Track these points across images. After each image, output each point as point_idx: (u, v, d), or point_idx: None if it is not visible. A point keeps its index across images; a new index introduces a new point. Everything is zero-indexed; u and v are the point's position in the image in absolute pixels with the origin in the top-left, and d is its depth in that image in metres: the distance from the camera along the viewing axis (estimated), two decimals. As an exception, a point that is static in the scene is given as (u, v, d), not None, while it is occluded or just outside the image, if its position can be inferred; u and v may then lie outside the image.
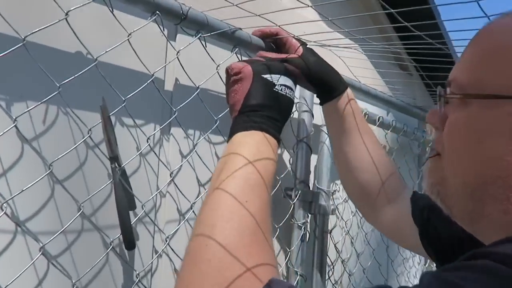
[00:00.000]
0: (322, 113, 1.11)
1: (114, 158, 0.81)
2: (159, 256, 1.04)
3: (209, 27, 1.03)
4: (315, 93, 1.09)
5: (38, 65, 0.76)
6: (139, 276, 0.94)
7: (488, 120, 0.46)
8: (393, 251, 1.99)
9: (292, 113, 1.31)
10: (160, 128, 1.00)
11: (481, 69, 0.50)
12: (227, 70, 0.87)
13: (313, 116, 1.36)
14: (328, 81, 1.02)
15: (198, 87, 1.04)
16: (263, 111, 0.75)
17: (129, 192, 0.85)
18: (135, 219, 0.93)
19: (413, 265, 2.20)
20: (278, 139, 0.77)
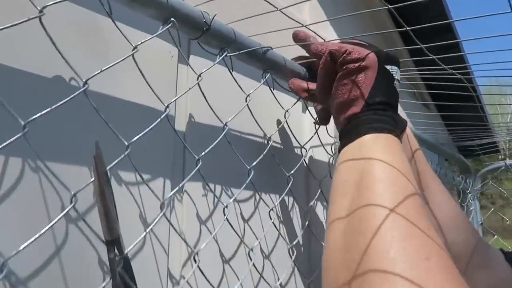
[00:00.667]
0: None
1: (114, 242, 0.49)
2: None
3: (236, 44, 0.76)
4: None
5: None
6: None
7: None
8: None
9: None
10: (177, 188, 0.69)
11: None
12: (341, 54, 0.65)
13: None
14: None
15: (226, 125, 0.75)
16: (389, 111, 0.60)
17: (133, 288, 0.52)
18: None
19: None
20: None
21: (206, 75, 0.75)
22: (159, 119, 0.61)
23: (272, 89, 0.86)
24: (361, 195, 0.48)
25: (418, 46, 0.79)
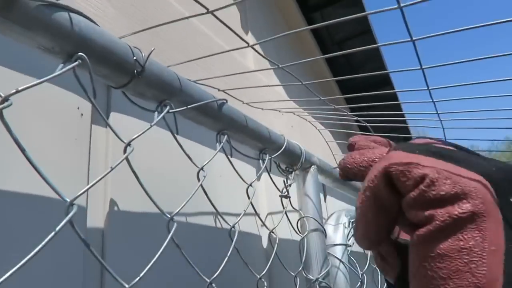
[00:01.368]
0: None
1: None
2: None
3: (182, 96, 0.52)
4: None
5: None
6: None
7: None
8: None
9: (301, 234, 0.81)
10: None
11: None
12: (413, 180, 0.28)
13: (326, 235, 0.87)
14: None
15: (172, 219, 0.48)
16: None
17: None
18: None
19: None
20: None
21: (136, 141, 0.48)
22: (54, 233, 0.32)
23: (230, 157, 0.62)
24: None
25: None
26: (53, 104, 0.50)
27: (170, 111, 0.51)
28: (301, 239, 0.80)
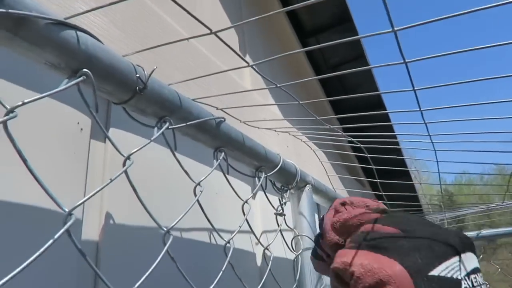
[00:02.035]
0: None
1: None
2: None
3: (181, 113, 0.54)
4: None
5: None
6: None
7: None
8: None
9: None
10: None
11: None
12: (348, 276, 0.39)
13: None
14: None
15: (169, 232, 0.48)
16: None
17: None
18: None
19: None
20: None
21: (135, 156, 0.50)
22: (52, 241, 0.33)
23: (227, 174, 0.64)
24: None
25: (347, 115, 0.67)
26: (54, 119, 0.51)
27: (170, 127, 0.52)
28: (295, 257, 0.81)
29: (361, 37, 0.68)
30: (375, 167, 1.06)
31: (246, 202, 0.67)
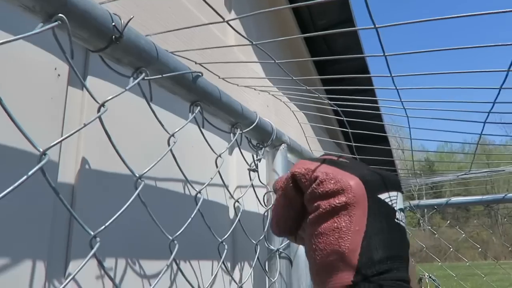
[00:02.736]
0: None
1: None
2: None
3: (158, 65, 0.55)
4: None
5: None
6: None
7: None
8: None
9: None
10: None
11: None
12: (309, 181, 0.41)
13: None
14: None
15: (140, 179, 0.51)
16: (394, 271, 0.37)
17: None
18: None
19: None
20: None
21: (111, 103, 0.51)
22: (26, 177, 0.35)
23: (202, 127, 0.66)
24: None
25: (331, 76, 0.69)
26: (31, 63, 0.52)
27: (146, 78, 0.53)
28: (265, 211, 0.85)
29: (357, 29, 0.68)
30: (351, 131, 1.10)
31: (220, 156, 0.69)
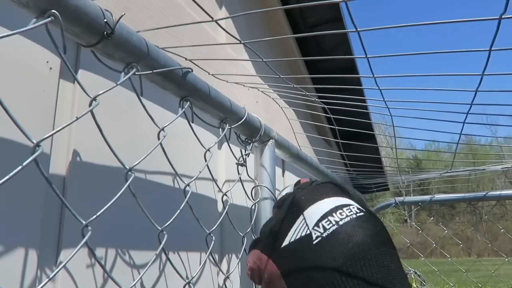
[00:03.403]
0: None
1: None
2: None
3: (148, 61, 0.56)
4: None
5: None
6: None
7: None
8: None
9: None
10: (50, 275, 0.45)
11: None
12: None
13: (277, 205, 0.94)
14: None
15: (131, 171, 0.53)
16: None
17: None
18: None
19: None
20: None
21: (102, 97, 0.53)
22: (20, 167, 0.37)
23: (191, 122, 0.67)
24: None
25: (321, 76, 0.72)
26: (23, 56, 0.53)
27: (136, 73, 0.55)
28: (253, 205, 0.87)
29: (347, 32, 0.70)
30: (338, 128, 1.12)
31: (209, 151, 0.71)
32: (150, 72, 0.57)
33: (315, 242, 0.37)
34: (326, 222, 0.37)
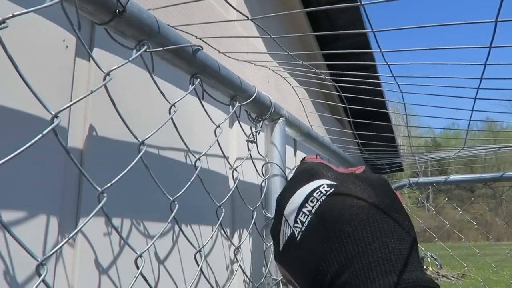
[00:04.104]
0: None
1: None
2: None
3: (159, 38, 0.58)
4: None
5: None
6: None
7: None
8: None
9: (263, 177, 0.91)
10: (69, 238, 0.49)
11: None
12: None
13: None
14: None
15: (143, 143, 0.55)
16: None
17: None
18: None
19: None
20: None
21: (116, 75, 0.55)
22: (41, 135, 0.40)
23: (202, 99, 0.70)
24: None
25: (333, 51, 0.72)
26: (41, 34, 0.56)
27: (148, 50, 0.57)
28: (263, 181, 0.90)
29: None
30: (349, 106, 1.13)
31: (219, 127, 0.74)
32: (161, 49, 0.59)
33: (298, 238, 0.38)
34: (302, 216, 0.38)
